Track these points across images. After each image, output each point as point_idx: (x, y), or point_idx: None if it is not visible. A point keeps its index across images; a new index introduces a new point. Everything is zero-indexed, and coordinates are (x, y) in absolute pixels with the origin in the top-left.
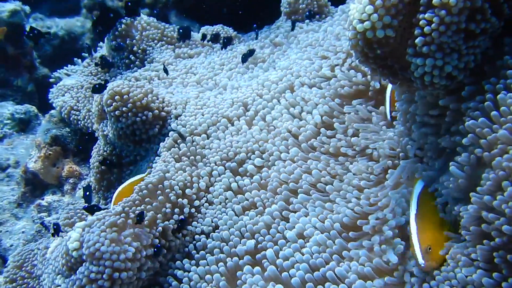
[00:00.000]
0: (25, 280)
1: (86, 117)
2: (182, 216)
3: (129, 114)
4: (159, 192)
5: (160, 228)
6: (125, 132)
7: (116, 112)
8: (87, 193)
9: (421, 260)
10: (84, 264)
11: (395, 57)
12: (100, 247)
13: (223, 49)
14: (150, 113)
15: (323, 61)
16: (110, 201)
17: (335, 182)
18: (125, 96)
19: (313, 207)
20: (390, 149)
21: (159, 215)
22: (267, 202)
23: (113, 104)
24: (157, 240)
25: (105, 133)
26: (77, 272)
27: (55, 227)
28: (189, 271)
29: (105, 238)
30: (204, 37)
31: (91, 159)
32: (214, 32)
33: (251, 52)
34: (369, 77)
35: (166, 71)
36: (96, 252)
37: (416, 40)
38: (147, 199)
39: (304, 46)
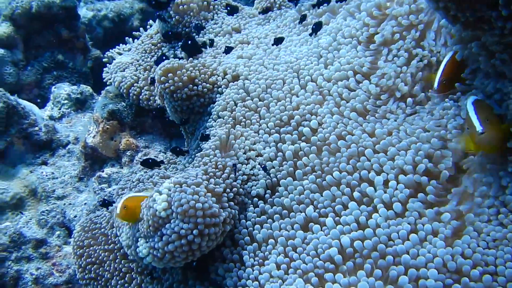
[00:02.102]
0: (92, 248)
1: (145, 96)
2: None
3: (183, 89)
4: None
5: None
6: (181, 106)
7: (171, 88)
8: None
9: (479, 127)
10: (172, 221)
11: None
12: (194, 204)
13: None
14: (201, 85)
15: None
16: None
17: (395, 141)
18: (178, 72)
19: (378, 167)
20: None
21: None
22: (325, 167)
23: (166, 83)
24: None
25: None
26: (164, 228)
27: (106, 201)
28: (250, 234)
29: (198, 195)
30: (266, 10)
31: None
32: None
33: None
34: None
35: (211, 44)
36: (190, 209)
37: None
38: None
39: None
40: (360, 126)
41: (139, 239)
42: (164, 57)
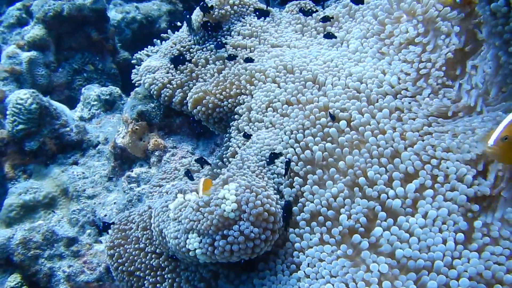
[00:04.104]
0: (123, 248)
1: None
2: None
3: (212, 114)
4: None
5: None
6: (219, 127)
7: (203, 117)
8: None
9: (491, 141)
10: (241, 223)
11: None
12: (269, 208)
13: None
14: (226, 106)
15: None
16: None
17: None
18: (204, 101)
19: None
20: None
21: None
22: (357, 171)
23: (198, 114)
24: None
25: None
26: (229, 230)
27: (105, 224)
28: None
29: (271, 199)
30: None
31: None
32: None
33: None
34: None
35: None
36: (264, 213)
37: None
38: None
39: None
40: (389, 124)
41: (189, 232)
42: (181, 57)
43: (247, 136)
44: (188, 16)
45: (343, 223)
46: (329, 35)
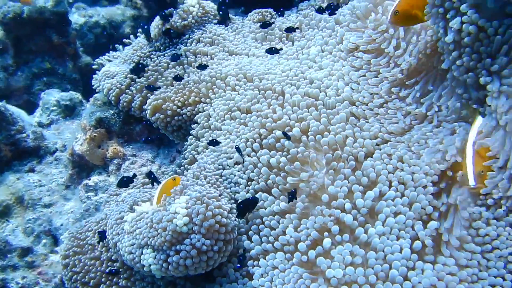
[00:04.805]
0: (78, 257)
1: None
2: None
3: (171, 122)
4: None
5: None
6: (177, 136)
7: (162, 125)
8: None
9: (472, 182)
10: (193, 236)
11: None
12: (220, 219)
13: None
14: (185, 114)
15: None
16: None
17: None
18: (164, 106)
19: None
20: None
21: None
22: (313, 185)
23: (157, 122)
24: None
25: None
26: (182, 244)
27: (100, 234)
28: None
29: (223, 209)
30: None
31: None
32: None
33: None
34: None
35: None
36: (216, 224)
37: None
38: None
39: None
40: (348, 130)
41: (144, 248)
42: (140, 65)
43: (214, 143)
44: (145, 26)
45: (292, 234)
46: (271, 50)
